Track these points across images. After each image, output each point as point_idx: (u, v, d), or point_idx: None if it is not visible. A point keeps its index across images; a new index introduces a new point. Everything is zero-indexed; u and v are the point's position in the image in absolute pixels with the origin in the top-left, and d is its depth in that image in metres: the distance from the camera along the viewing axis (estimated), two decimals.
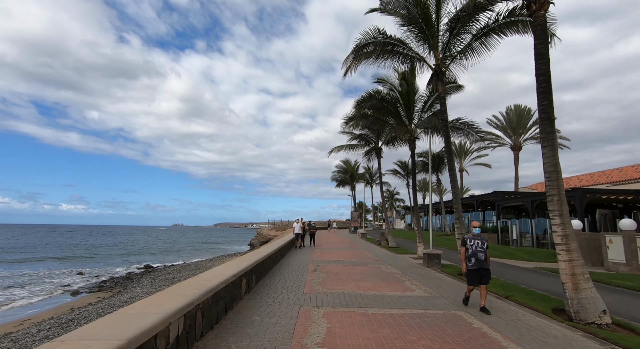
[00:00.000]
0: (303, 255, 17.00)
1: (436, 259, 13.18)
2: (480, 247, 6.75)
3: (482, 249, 6.74)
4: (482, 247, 6.75)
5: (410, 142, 17.35)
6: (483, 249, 6.75)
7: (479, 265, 6.69)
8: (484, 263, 6.70)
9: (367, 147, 25.01)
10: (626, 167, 35.61)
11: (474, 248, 6.76)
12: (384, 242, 25.30)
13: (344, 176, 51.18)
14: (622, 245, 15.13)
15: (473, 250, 6.76)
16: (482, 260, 6.70)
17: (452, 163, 11.33)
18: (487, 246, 6.83)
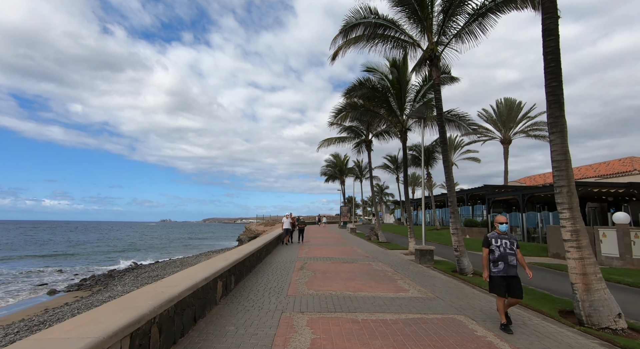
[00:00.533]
0: (290, 252, 16.26)
1: (429, 255, 12.60)
2: (509, 248, 5.41)
3: (511, 250, 5.40)
4: (511, 249, 5.41)
5: (401, 133, 16.68)
6: (513, 250, 5.41)
7: (508, 271, 5.34)
8: (514, 268, 5.37)
9: (356, 139, 24.30)
10: (613, 161, 35.83)
11: (502, 250, 5.38)
12: (373, 237, 24.75)
13: (334, 170, 50.49)
14: (615, 239, 14.84)
15: (501, 252, 5.37)
16: (514, 265, 5.37)
17: (447, 154, 10.69)
18: (518, 246, 5.51)
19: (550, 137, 6.09)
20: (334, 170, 50.30)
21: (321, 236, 28.39)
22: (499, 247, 5.42)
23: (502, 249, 5.39)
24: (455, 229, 10.51)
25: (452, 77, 14.14)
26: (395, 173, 48.58)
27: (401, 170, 48.31)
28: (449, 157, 10.80)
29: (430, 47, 10.74)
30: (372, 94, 15.56)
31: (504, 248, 5.40)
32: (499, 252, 5.39)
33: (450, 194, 10.64)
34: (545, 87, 6.20)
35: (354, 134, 23.95)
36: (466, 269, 10.19)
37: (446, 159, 10.74)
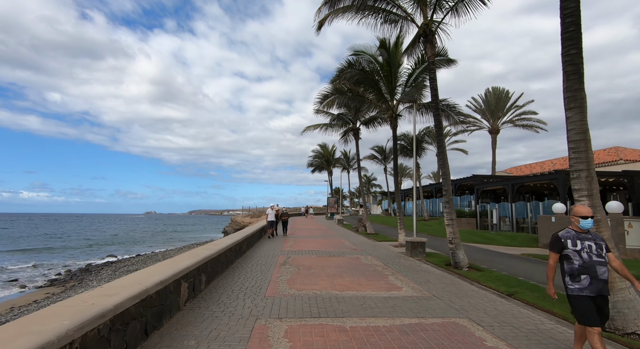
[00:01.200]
0: (274, 245, 15.34)
1: (420, 247, 11.88)
2: (596, 254, 3.63)
3: (600, 257, 3.62)
4: (600, 255, 3.63)
5: (391, 120, 15.82)
6: (603, 257, 3.64)
7: (598, 289, 3.56)
8: (605, 285, 3.60)
9: (344, 128, 23.35)
10: (598, 151, 35.99)
11: (586, 256, 3.63)
12: (361, 228, 24.06)
13: (320, 161, 49.57)
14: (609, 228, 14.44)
15: (585, 260, 3.62)
16: (604, 279, 3.58)
17: (442, 139, 9.88)
18: (608, 249, 3.77)
19: (567, 114, 5.27)
20: (321, 160, 49.39)
21: (307, 228, 27.58)
22: (581, 253, 3.64)
23: (586, 255, 3.62)
24: (450, 220, 9.77)
25: (448, 60, 13.29)
26: (383, 164, 48.05)
27: (389, 161, 47.75)
28: (444, 143, 10.00)
29: (425, 22, 9.80)
30: (361, 76, 14.58)
31: (588, 254, 3.62)
32: (580, 261, 3.62)
33: (445, 183, 9.86)
34: (562, 56, 5.36)
35: (341, 122, 22.98)
36: (461, 263, 9.49)
37: (441, 144, 9.93)
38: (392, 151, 16.27)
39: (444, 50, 13.14)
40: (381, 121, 21.30)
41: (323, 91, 15.83)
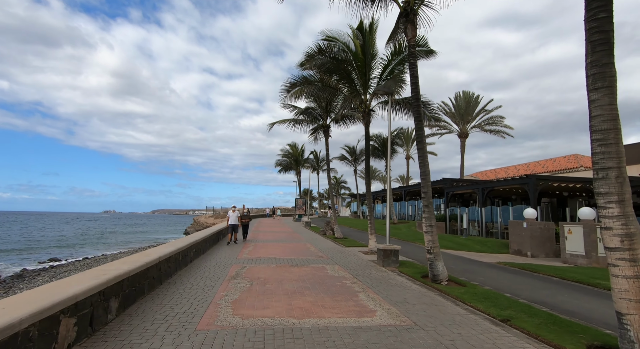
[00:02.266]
0: (230, 251, 13.55)
1: (393, 256, 10.63)
2: None
3: None
4: None
5: (364, 115, 14.57)
6: None
7: None
8: None
9: (313, 124, 21.92)
10: (559, 158, 37.18)
11: None
12: (329, 232, 22.70)
13: (289, 161, 47.89)
14: (581, 236, 14.04)
15: None
16: None
17: (422, 133, 8.66)
18: None
19: (592, 96, 4.11)
20: (290, 160, 47.72)
21: (272, 230, 25.84)
22: None
23: None
24: (430, 226, 8.55)
25: (428, 51, 12.20)
26: (353, 165, 47.20)
27: (359, 162, 46.95)
28: (424, 138, 8.79)
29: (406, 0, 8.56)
30: (333, 65, 13.21)
31: None
32: None
33: (424, 184, 8.65)
34: (587, 22, 4.19)
35: (310, 118, 21.52)
36: (440, 276, 8.29)
37: (421, 139, 8.71)
38: (364, 149, 15.01)
39: (423, 39, 12.05)
40: (353, 118, 20.10)
41: (290, 79, 14.18)
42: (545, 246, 16.38)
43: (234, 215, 15.83)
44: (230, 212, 16.04)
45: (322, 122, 21.39)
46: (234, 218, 15.77)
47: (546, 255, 16.29)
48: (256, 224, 33.76)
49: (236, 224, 15.78)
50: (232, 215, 15.85)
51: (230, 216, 15.89)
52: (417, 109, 8.69)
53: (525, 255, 16.36)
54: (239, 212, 16.06)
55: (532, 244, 16.25)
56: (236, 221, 15.76)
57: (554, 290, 8.23)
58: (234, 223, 15.78)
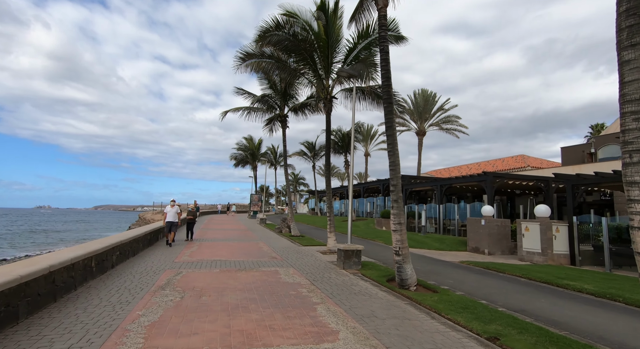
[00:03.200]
0: (168, 253, 11.66)
1: (355, 257, 9.53)
2: None
3: None
4: None
5: (325, 102, 13.33)
6: None
7: None
8: None
9: (270, 113, 20.30)
10: (507, 158, 38.97)
11: None
12: (285, 229, 21.29)
13: (245, 154, 45.57)
14: (538, 233, 14.03)
15: None
16: None
17: (392, 118, 7.58)
18: None
19: (626, 55, 3.15)
20: (246, 154, 45.42)
21: (223, 228, 23.85)
22: None
23: None
24: (399, 223, 7.51)
25: (398, 36, 11.22)
26: (312, 161, 46.08)
27: (318, 158, 45.92)
28: (394, 124, 7.72)
29: None
30: (292, 44, 11.78)
31: None
32: None
33: (394, 176, 7.57)
34: None
35: (266, 107, 19.87)
36: (409, 280, 7.29)
37: (390, 124, 7.61)
38: (324, 142, 13.79)
39: (394, 23, 11.04)
40: (312, 108, 18.80)
41: (248, 48, 12.26)
42: (501, 244, 16.36)
43: (173, 211, 13.42)
44: (168, 207, 13.60)
45: (279, 111, 19.84)
46: (172, 214, 13.36)
47: (502, 252, 16.27)
48: (206, 221, 31.38)
49: (174, 221, 13.34)
50: (170, 211, 13.43)
51: (167, 212, 13.44)
52: (387, 89, 7.59)
53: (482, 252, 16.22)
54: (179, 208, 13.88)
55: (490, 242, 16.13)
56: (175, 218, 13.38)
57: (528, 294, 7.57)
58: (172, 220, 13.31)
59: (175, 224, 13.37)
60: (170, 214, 13.40)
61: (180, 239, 15.52)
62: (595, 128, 52.77)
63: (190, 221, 15.32)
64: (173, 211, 13.47)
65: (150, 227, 13.95)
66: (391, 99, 7.63)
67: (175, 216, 13.43)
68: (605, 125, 52.69)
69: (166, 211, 13.56)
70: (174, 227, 13.38)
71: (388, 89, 7.57)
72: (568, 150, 30.38)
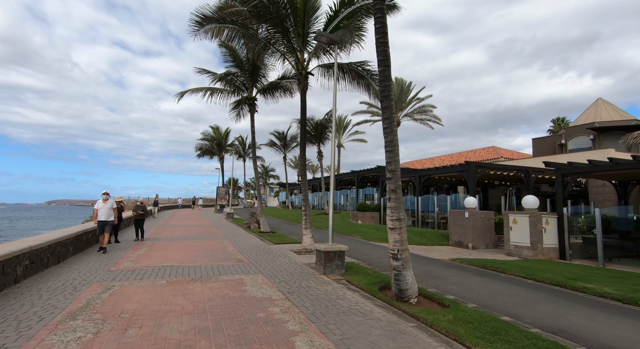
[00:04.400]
0: (105, 258, 9.46)
1: (338, 259, 7.91)
2: None
3: None
4: None
5: (300, 79, 11.48)
6: None
7: None
8: None
9: (236, 96, 18.11)
10: (479, 150, 39.00)
11: None
12: (254, 225, 19.35)
13: (211, 145, 42.62)
14: (527, 226, 13.13)
15: None
16: None
17: (388, 86, 5.96)
18: None
19: None
20: (211, 144, 42.49)
21: (184, 224, 21.48)
22: None
23: None
24: (398, 219, 5.93)
25: (391, 6, 9.56)
26: (283, 152, 43.97)
27: (289, 149, 43.89)
28: (391, 94, 6.09)
29: None
30: (262, 6, 9.79)
31: None
32: None
33: (392, 159, 5.93)
34: None
35: (232, 87, 17.66)
36: (409, 291, 5.77)
37: (387, 94, 5.98)
38: (299, 124, 12.01)
39: None
40: (284, 90, 16.87)
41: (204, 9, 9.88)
42: (485, 237, 15.46)
43: (106, 206, 10.33)
44: (99, 202, 10.36)
45: (247, 94, 17.71)
46: (106, 211, 10.29)
47: (487, 246, 15.38)
48: (167, 217, 28.67)
49: (108, 220, 10.28)
50: (103, 207, 10.29)
51: (98, 208, 10.25)
52: (385, 61, 5.91)
53: (466, 247, 15.24)
54: (117, 203, 11.21)
55: (474, 235, 15.17)
56: (109, 216, 10.32)
57: (549, 303, 6.30)
58: (105, 219, 10.24)
59: (109, 224, 10.36)
60: (102, 211, 10.28)
61: (129, 239, 13.22)
62: (556, 122, 54.51)
63: (138, 217, 12.99)
64: (106, 206, 10.40)
65: (84, 226, 11.46)
66: (388, 62, 5.96)
67: (109, 213, 10.39)
68: (566, 119, 54.61)
69: (96, 207, 10.31)
70: (107, 227, 10.32)
71: (387, 62, 5.90)
72: (539, 141, 30.57)
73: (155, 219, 24.31)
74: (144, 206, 13.43)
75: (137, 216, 13.01)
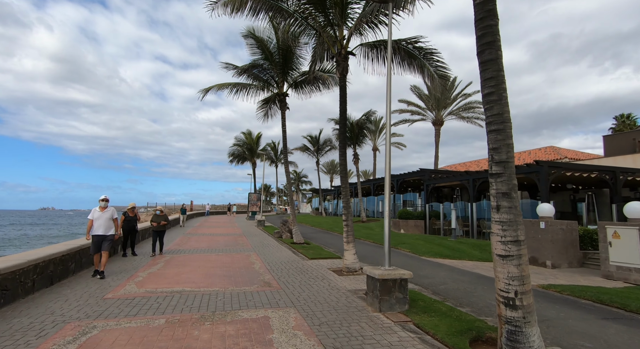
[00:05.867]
0: (103, 282, 7.87)
1: (399, 290, 5.70)
2: None
3: None
4: None
5: (339, 61, 9.47)
6: None
7: None
8: None
9: (265, 92, 16.45)
10: (534, 150, 34.78)
11: None
12: (286, 234, 17.50)
13: (242, 150, 41.75)
14: (637, 241, 10.13)
15: None
16: None
17: (496, 39, 3.75)
18: None
19: None
20: (243, 149, 41.60)
21: (213, 233, 20.07)
22: None
23: None
24: (515, 242, 3.62)
25: None
26: (316, 156, 42.17)
27: (322, 153, 42.01)
28: (499, 54, 3.89)
29: None
30: None
31: None
32: None
33: (501, 143, 3.72)
34: None
35: (261, 83, 16.04)
36: None
37: (493, 53, 3.81)
38: (338, 117, 9.97)
39: None
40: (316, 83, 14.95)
41: None
42: (568, 253, 12.49)
43: (104, 216, 7.90)
44: (96, 211, 7.94)
45: (277, 89, 16.00)
46: (104, 223, 7.84)
47: (569, 264, 12.40)
48: (198, 224, 27.66)
49: (107, 235, 7.86)
50: (100, 217, 7.87)
51: (94, 218, 7.86)
52: None
53: (543, 265, 12.37)
54: (114, 212, 8.24)
55: (554, 251, 12.28)
56: (107, 229, 7.87)
57: None
58: (103, 234, 7.81)
59: (109, 239, 7.85)
60: (99, 223, 7.79)
61: (146, 252, 11.70)
62: (620, 119, 48.54)
63: (158, 229, 11.21)
64: (105, 216, 7.89)
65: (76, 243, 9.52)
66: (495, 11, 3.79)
67: (108, 225, 7.90)
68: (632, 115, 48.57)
69: (91, 217, 7.87)
70: (106, 244, 7.76)
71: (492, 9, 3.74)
72: (612, 139, 26.39)
73: (183, 227, 23.21)
74: (166, 216, 11.59)
75: (157, 227, 11.19)
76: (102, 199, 8.14)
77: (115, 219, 8.26)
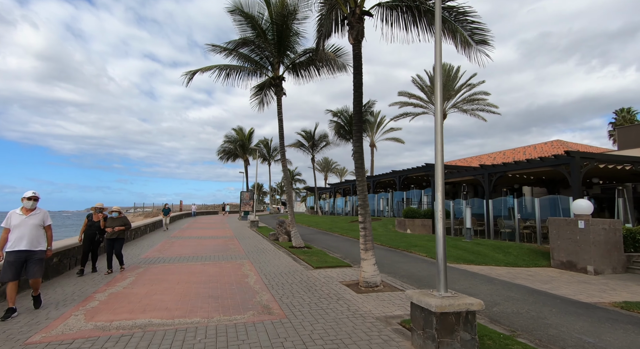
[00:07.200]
0: (51, 302, 5.85)
1: (465, 328, 3.84)
2: None
3: None
4: None
5: (352, 23, 7.56)
6: None
7: None
8: None
9: (258, 76, 14.46)
10: (540, 144, 33.39)
11: None
12: (283, 237, 15.57)
13: (234, 146, 39.58)
14: None
15: None
16: None
17: None
18: None
19: None
20: (235, 146, 39.44)
21: (201, 235, 17.99)
22: None
23: None
24: None
25: None
26: (311, 153, 40.26)
27: (317, 149, 40.10)
28: None
29: None
30: None
31: None
32: None
33: None
34: None
35: (253, 66, 14.03)
36: None
37: None
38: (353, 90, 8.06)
39: None
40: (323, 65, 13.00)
41: None
42: (612, 257, 10.81)
43: (29, 223, 5.38)
44: (17, 213, 5.40)
45: (272, 73, 14.01)
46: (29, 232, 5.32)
47: (614, 270, 10.73)
48: (185, 225, 25.54)
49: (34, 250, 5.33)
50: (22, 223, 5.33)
51: (12, 226, 5.30)
52: None
53: (583, 270, 10.68)
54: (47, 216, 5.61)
55: (596, 254, 10.59)
56: (32, 243, 5.32)
57: None
58: (27, 249, 5.25)
59: (36, 260, 5.34)
60: (20, 232, 5.27)
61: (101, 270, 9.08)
62: (620, 113, 47.68)
63: (111, 236, 8.42)
64: (31, 222, 5.38)
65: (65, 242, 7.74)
66: None
67: (35, 236, 5.39)
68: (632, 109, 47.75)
69: (6, 224, 5.32)
70: (35, 267, 5.31)
71: None
72: (627, 131, 24.94)
73: (167, 230, 21.04)
74: (125, 218, 8.80)
75: (110, 234, 8.40)
76: (27, 198, 5.47)
77: (48, 227, 5.64)
